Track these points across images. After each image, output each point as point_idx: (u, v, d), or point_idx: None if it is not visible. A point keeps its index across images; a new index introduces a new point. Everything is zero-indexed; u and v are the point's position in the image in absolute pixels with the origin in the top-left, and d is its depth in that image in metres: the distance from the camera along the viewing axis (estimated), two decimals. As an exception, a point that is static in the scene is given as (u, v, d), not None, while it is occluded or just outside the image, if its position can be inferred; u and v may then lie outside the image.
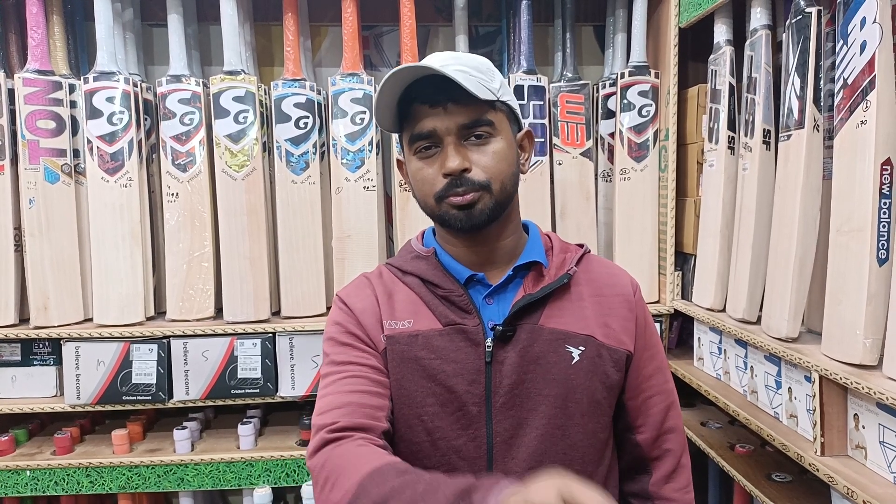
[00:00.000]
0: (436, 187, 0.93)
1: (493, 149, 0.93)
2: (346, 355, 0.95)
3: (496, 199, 0.93)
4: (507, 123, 0.97)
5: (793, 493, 1.42)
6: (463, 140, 0.92)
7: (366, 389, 0.90)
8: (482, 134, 0.93)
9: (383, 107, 0.95)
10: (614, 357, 0.98)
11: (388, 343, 0.96)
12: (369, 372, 0.93)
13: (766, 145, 1.51)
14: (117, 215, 1.80)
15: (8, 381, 1.86)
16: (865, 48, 1.15)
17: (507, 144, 0.95)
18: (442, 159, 0.92)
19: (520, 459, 0.93)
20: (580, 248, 1.07)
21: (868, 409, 1.16)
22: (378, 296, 1.01)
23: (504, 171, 0.94)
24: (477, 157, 0.92)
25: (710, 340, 1.75)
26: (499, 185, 0.93)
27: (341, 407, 0.87)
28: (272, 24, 2.09)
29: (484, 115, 0.92)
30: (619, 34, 2.01)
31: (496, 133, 0.94)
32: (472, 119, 0.92)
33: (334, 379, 0.92)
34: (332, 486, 0.78)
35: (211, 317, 1.85)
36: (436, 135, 0.92)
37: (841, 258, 1.21)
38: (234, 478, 1.83)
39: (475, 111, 0.92)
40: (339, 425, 0.85)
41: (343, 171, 1.86)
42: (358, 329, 0.97)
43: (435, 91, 0.91)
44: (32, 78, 1.77)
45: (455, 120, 0.91)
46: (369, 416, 0.88)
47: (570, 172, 1.95)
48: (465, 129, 0.92)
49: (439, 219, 0.97)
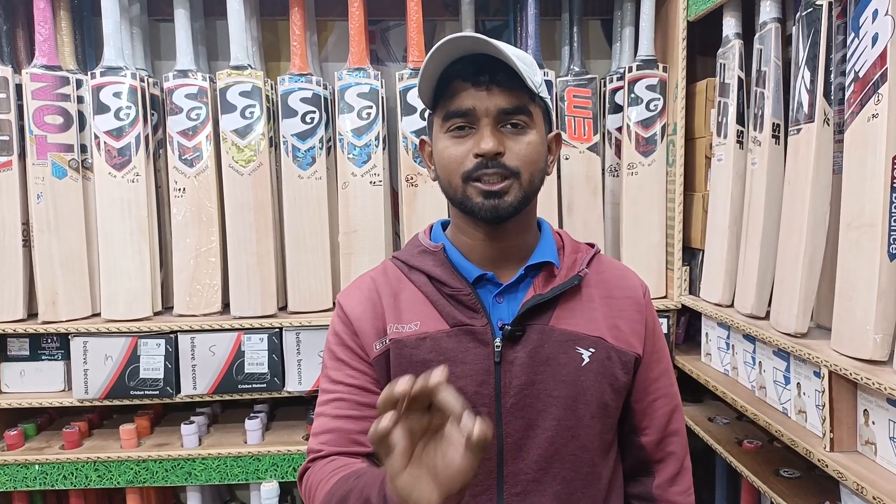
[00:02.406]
0: (464, 166, 0.90)
1: (528, 139, 0.91)
2: (339, 373, 0.98)
3: (525, 191, 0.92)
4: (542, 120, 0.95)
5: (801, 490, 1.42)
6: (499, 125, 0.90)
7: (350, 414, 0.95)
8: (519, 123, 0.91)
9: (427, 76, 0.92)
10: (623, 359, 0.97)
11: (393, 347, 0.95)
12: (356, 394, 0.96)
13: (776, 139, 1.50)
14: (125, 210, 1.80)
15: (17, 376, 1.87)
16: (877, 41, 1.13)
17: (540, 139, 0.93)
18: (476, 139, 0.90)
19: (530, 460, 0.93)
20: (591, 247, 1.05)
21: (878, 404, 1.15)
22: (382, 297, 0.99)
23: (535, 163, 0.92)
24: (511, 143, 0.90)
25: (718, 336, 1.74)
26: (528, 175, 0.91)
27: (329, 432, 0.95)
28: (279, 19, 2.09)
29: (526, 104, 0.91)
30: (627, 28, 2.00)
31: (532, 125, 0.92)
32: (514, 105, 0.89)
33: (327, 399, 0.98)
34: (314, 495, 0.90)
35: (218, 312, 1.86)
36: (473, 114, 0.90)
37: (851, 253, 1.20)
38: (242, 472, 1.83)
39: (518, 98, 0.90)
40: (323, 453, 0.94)
41: (349, 166, 1.86)
42: (352, 340, 0.98)
43: (479, 70, 0.88)
44: (40, 73, 1.77)
45: (496, 102, 0.89)
46: (353, 441, 0.94)
47: (577, 167, 1.95)
48: (504, 115, 0.90)
49: (461, 204, 0.93)
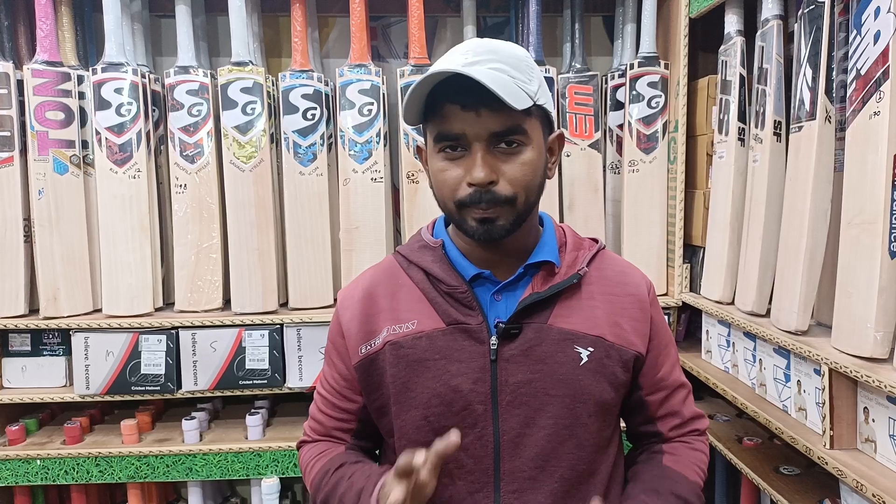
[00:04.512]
0: (458, 193, 0.89)
1: (522, 159, 0.88)
2: (330, 370, 1.06)
3: (518, 214, 0.90)
4: (540, 129, 0.92)
5: (801, 487, 1.42)
6: (492, 146, 0.87)
7: (331, 414, 1.06)
8: (513, 142, 0.87)
9: (412, 106, 0.89)
10: (623, 357, 0.97)
11: (390, 349, 0.96)
12: (337, 397, 1.05)
13: (777, 137, 1.50)
14: (126, 206, 1.80)
15: (18, 371, 1.88)
16: (879, 38, 1.13)
17: (537, 153, 0.90)
18: (468, 165, 0.87)
19: (527, 458, 0.93)
20: (594, 243, 1.04)
21: (878, 402, 1.15)
22: (379, 297, 1.00)
23: (531, 182, 0.90)
24: (505, 167, 0.87)
25: (719, 333, 1.75)
26: (524, 197, 0.89)
27: (316, 421, 1.08)
28: (280, 15, 2.08)
29: (518, 123, 0.87)
30: (629, 24, 1.99)
31: (528, 142, 0.88)
32: (505, 127, 0.86)
33: (320, 389, 1.08)
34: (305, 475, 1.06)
35: (219, 308, 1.86)
36: (465, 139, 0.87)
37: (852, 251, 1.20)
38: (242, 468, 1.84)
39: (509, 118, 0.86)
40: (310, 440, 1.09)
41: (351, 162, 1.86)
42: (342, 345, 1.02)
43: (466, 92, 0.84)
44: (41, 69, 1.77)
45: (487, 126, 0.85)
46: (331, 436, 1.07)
47: (578, 164, 1.94)
48: (496, 137, 0.87)
49: (456, 224, 0.93)
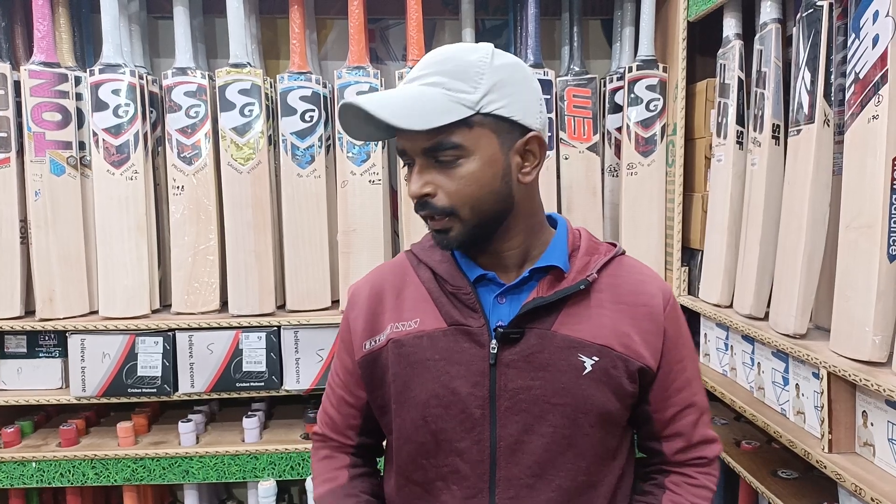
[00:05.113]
0: (413, 204, 0.92)
1: (460, 172, 0.86)
2: (340, 364, 1.07)
3: (469, 224, 0.89)
4: (492, 137, 0.87)
5: (799, 490, 1.42)
6: (430, 160, 0.88)
7: (339, 409, 1.08)
8: (447, 157, 0.86)
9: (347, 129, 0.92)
10: (630, 368, 0.93)
11: (392, 347, 0.96)
12: (344, 391, 1.06)
13: (776, 140, 1.50)
14: (123, 208, 1.80)
15: (14, 373, 1.86)
16: (878, 42, 1.13)
17: (482, 164, 0.87)
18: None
19: (524, 466, 0.91)
20: (612, 247, 1.00)
21: (877, 406, 1.15)
22: (386, 295, 1.00)
23: (473, 194, 0.87)
24: (443, 180, 0.87)
25: (717, 336, 1.74)
26: (468, 209, 0.88)
27: (327, 415, 1.10)
28: (278, 17, 2.08)
29: (448, 137, 0.85)
30: (627, 28, 2.00)
31: (467, 154, 0.86)
32: (434, 142, 0.85)
33: (330, 383, 1.10)
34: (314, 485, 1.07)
35: (216, 310, 1.85)
36: (408, 154, 0.89)
37: (850, 254, 1.20)
38: (239, 471, 1.83)
39: (437, 134, 0.85)
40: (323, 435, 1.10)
41: (349, 164, 1.85)
42: (349, 340, 1.04)
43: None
44: (38, 70, 1.77)
45: (417, 143, 0.87)
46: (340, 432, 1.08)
47: (576, 167, 1.95)
48: (428, 152, 0.87)
49: None
